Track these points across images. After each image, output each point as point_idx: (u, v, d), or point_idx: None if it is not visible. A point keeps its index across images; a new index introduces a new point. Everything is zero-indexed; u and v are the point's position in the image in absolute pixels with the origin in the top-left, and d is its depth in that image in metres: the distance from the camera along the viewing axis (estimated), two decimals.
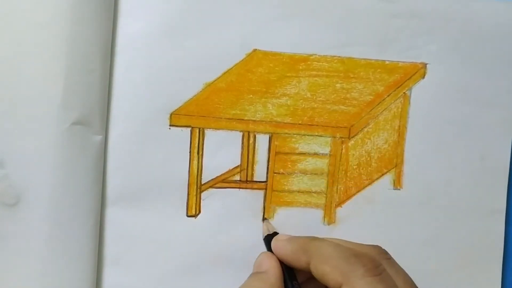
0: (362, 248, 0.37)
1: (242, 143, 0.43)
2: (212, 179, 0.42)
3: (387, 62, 0.43)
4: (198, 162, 0.42)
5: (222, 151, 0.42)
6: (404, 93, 0.44)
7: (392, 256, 0.37)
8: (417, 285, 0.36)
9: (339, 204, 0.43)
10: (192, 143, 0.42)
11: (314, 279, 0.36)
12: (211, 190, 0.42)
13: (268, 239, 0.41)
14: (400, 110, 0.44)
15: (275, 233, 0.41)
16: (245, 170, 0.43)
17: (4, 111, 0.39)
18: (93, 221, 0.41)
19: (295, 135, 0.43)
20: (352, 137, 0.43)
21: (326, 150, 0.43)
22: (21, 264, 0.39)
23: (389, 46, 0.43)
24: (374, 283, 0.33)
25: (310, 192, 0.43)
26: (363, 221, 0.43)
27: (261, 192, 0.43)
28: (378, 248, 0.37)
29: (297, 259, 0.37)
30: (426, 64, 0.44)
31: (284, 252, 0.38)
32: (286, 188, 0.43)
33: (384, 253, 0.37)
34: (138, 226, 0.42)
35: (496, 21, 0.44)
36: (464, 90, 0.44)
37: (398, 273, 0.36)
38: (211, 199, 0.42)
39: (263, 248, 0.42)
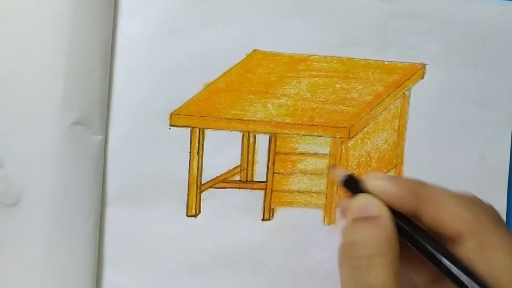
0: (475, 200, 0.33)
1: (242, 143, 0.43)
2: (212, 179, 0.42)
3: (386, 63, 0.43)
4: (198, 162, 0.42)
5: (222, 151, 0.43)
6: (403, 93, 0.44)
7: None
8: None
9: (340, 204, 0.43)
10: (192, 143, 0.42)
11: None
12: (211, 190, 0.42)
13: (348, 180, 0.36)
14: (399, 110, 0.44)
15: (352, 176, 0.36)
16: (245, 170, 0.43)
17: (4, 111, 0.39)
18: (93, 221, 0.41)
19: (295, 135, 0.43)
20: (352, 137, 0.44)
21: (326, 150, 0.43)
22: (21, 264, 0.39)
23: (388, 47, 0.43)
24: (504, 238, 0.31)
25: (310, 192, 0.43)
26: None
27: (261, 192, 0.43)
28: (490, 206, 0.34)
29: (405, 204, 0.33)
30: (425, 64, 0.44)
31: (388, 194, 0.33)
32: (286, 188, 0.43)
33: (497, 212, 0.34)
34: (138, 226, 0.42)
35: (495, 21, 0.44)
36: (463, 90, 0.44)
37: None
38: (211, 199, 0.42)
39: (263, 248, 0.42)
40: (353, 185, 0.35)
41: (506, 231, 0.31)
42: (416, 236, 0.32)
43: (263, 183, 0.43)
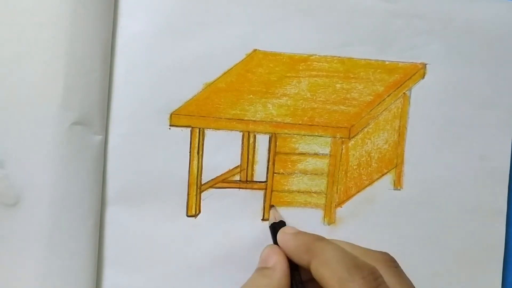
0: (369, 253, 0.36)
1: (242, 143, 0.43)
2: (212, 179, 0.42)
3: (387, 62, 0.43)
4: (198, 162, 0.42)
5: (222, 151, 0.42)
6: (404, 93, 0.44)
7: (395, 259, 0.37)
8: (417, 285, 0.36)
9: (339, 204, 0.43)
10: (192, 143, 0.42)
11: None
12: (211, 190, 0.42)
13: (273, 227, 0.41)
14: (400, 110, 0.44)
15: (282, 222, 0.41)
16: (245, 170, 0.43)
17: (4, 111, 0.39)
18: (93, 221, 0.41)
19: (295, 135, 0.43)
20: (352, 137, 0.43)
21: (326, 150, 0.43)
22: (21, 264, 0.39)
23: (389, 46, 0.43)
24: None
25: (310, 192, 0.43)
26: (363, 221, 0.43)
27: (261, 192, 0.43)
28: (385, 255, 0.37)
29: (300, 257, 0.37)
30: (426, 64, 0.44)
31: (287, 247, 0.38)
32: (286, 188, 0.43)
33: (391, 261, 0.36)
34: (138, 226, 0.42)
35: (496, 21, 0.44)
36: (464, 90, 0.44)
37: (403, 284, 0.35)
38: (211, 199, 0.42)
39: (263, 247, 0.42)
40: (274, 232, 0.40)
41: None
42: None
43: (263, 183, 0.43)
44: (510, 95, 0.44)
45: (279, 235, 0.39)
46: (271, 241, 0.42)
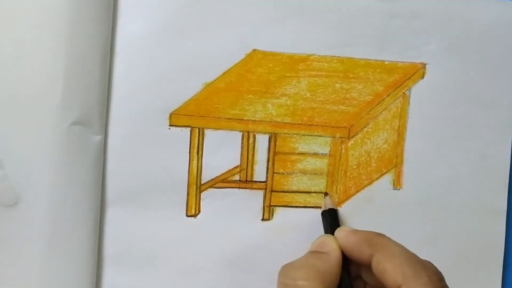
0: (423, 261, 0.36)
1: (242, 143, 0.43)
2: (212, 179, 0.42)
3: (386, 62, 0.43)
4: (197, 162, 0.42)
5: (221, 151, 0.43)
6: (403, 93, 0.44)
7: None
8: None
9: (339, 204, 0.43)
10: (191, 143, 0.42)
11: (366, 277, 0.37)
12: (210, 190, 0.42)
13: (324, 214, 0.41)
14: (399, 110, 0.44)
15: (332, 210, 0.41)
16: (245, 170, 0.43)
17: (3, 111, 0.39)
18: (93, 221, 0.41)
19: (294, 135, 0.43)
20: (352, 137, 0.44)
21: (326, 150, 0.43)
22: (21, 264, 0.39)
23: (388, 46, 0.43)
24: None
25: (309, 192, 0.43)
26: (363, 221, 0.43)
27: (261, 192, 0.43)
28: (433, 266, 0.37)
29: (360, 251, 0.36)
30: (425, 64, 0.44)
31: (348, 242, 0.38)
32: (286, 188, 0.43)
33: (439, 273, 0.36)
34: (138, 226, 0.42)
35: (495, 21, 0.44)
36: (463, 90, 0.44)
37: None
38: (211, 199, 0.42)
39: (263, 248, 0.42)
40: (329, 218, 0.41)
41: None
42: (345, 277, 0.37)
43: (263, 183, 0.43)
44: (509, 94, 0.44)
45: (338, 232, 0.39)
46: (270, 241, 0.43)
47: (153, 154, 0.42)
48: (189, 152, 0.42)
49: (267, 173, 0.43)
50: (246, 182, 0.43)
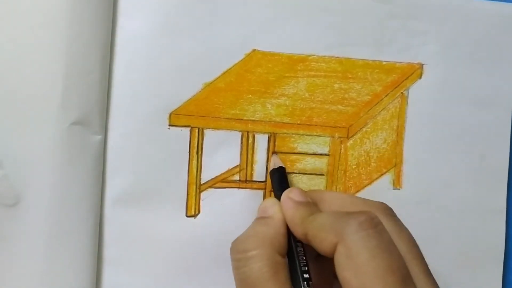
0: (367, 203, 0.36)
1: (241, 142, 0.43)
2: (212, 179, 0.42)
3: (384, 63, 0.44)
4: (197, 162, 0.42)
5: (221, 151, 0.43)
6: (401, 93, 0.44)
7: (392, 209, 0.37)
8: None
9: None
10: (191, 143, 0.42)
11: None
12: (210, 190, 0.42)
13: (272, 173, 0.41)
14: (398, 110, 0.44)
15: (281, 168, 0.41)
16: (245, 170, 0.43)
17: (3, 111, 0.39)
18: (93, 221, 0.40)
19: (293, 135, 0.43)
20: (351, 137, 0.44)
21: (325, 150, 0.43)
22: (21, 264, 0.39)
23: (386, 47, 0.44)
24: (367, 237, 0.31)
25: None
26: None
27: (261, 192, 0.43)
28: (382, 204, 0.36)
29: (295, 230, 0.36)
30: (423, 64, 0.44)
31: (286, 217, 0.37)
32: None
33: (388, 209, 0.36)
34: (138, 226, 0.42)
35: (492, 21, 0.44)
36: (461, 90, 0.44)
37: (401, 232, 0.35)
38: (211, 199, 0.42)
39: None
40: (277, 178, 0.41)
41: (369, 229, 0.32)
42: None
43: (263, 183, 0.43)
44: (508, 94, 0.44)
45: (283, 197, 0.38)
46: None
47: (153, 154, 0.42)
48: (189, 152, 0.42)
49: (266, 172, 0.43)
50: (246, 182, 0.43)
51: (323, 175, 0.43)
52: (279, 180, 0.41)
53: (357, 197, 0.37)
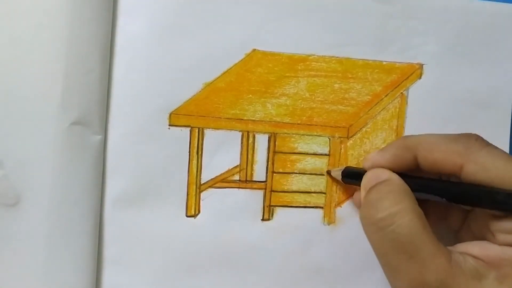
0: (460, 135, 0.37)
1: (242, 142, 0.43)
2: (212, 179, 0.42)
3: (384, 63, 0.44)
4: (197, 162, 0.42)
5: (221, 151, 0.43)
6: (401, 93, 0.44)
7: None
8: None
9: (339, 204, 0.43)
10: (191, 143, 0.42)
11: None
12: (210, 190, 0.42)
13: (348, 174, 0.41)
14: (397, 110, 0.44)
15: (347, 168, 0.42)
16: (245, 170, 0.43)
17: (3, 111, 0.39)
18: (93, 221, 0.40)
19: (294, 135, 0.43)
20: (351, 136, 0.44)
21: (325, 149, 0.43)
22: (21, 264, 0.39)
23: (386, 47, 0.44)
24: (494, 150, 0.34)
25: (309, 192, 0.43)
26: None
27: (261, 192, 0.43)
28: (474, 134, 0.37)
29: (402, 159, 0.37)
30: (423, 64, 0.44)
31: (385, 160, 0.37)
32: (286, 188, 0.43)
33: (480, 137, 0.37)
34: (137, 226, 0.42)
35: (492, 22, 0.44)
36: (461, 90, 0.44)
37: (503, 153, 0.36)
38: (211, 199, 0.42)
39: (263, 248, 0.42)
40: (353, 175, 0.41)
41: (492, 145, 0.36)
42: (424, 182, 0.37)
43: (263, 183, 0.43)
44: (507, 94, 0.44)
45: (369, 158, 0.39)
46: (270, 241, 0.43)
47: (152, 154, 0.42)
48: (189, 152, 0.42)
49: (266, 172, 0.43)
50: (246, 182, 0.43)
51: (323, 175, 0.43)
52: (353, 169, 0.42)
53: (447, 134, 0.38)
